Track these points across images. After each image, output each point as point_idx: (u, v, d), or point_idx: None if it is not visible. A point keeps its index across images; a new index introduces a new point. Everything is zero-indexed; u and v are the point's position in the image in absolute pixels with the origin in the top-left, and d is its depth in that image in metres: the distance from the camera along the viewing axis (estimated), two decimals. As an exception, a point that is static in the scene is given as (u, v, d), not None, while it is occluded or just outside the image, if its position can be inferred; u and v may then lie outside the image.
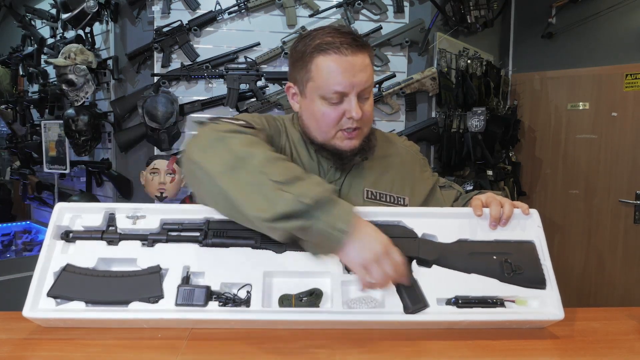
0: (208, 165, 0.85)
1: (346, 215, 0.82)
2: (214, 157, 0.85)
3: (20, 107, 3.40)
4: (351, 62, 1.00)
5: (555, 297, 0.91)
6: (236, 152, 0.85)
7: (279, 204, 0.79)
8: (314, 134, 1.09)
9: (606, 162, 3.18)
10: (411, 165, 1.22)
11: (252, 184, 0.81)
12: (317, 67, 1.02)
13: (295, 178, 0.83)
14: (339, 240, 0.81)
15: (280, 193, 0.79)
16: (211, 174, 0.84)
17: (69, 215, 0.97)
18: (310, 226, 0.79)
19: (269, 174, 0.82)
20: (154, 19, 2.50)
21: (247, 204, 0.81)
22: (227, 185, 0.82)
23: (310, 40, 1.03)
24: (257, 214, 0.79)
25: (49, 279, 0.90)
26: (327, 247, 0.83)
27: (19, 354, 0.79)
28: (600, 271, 3.24)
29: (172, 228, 0.95)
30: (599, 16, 3.16)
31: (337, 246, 0.81)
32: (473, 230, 0.98)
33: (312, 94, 1.04)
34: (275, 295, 0.91)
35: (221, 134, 0.88)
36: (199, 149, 0.88)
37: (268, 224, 0.79)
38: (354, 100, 1.01)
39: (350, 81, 1.00)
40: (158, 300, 0.88)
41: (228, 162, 0.84)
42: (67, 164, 2.78)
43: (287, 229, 0.80)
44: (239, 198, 0.81)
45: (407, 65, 2.62)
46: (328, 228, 0.80)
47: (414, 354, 0.80)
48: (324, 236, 0.81)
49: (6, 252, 2.99)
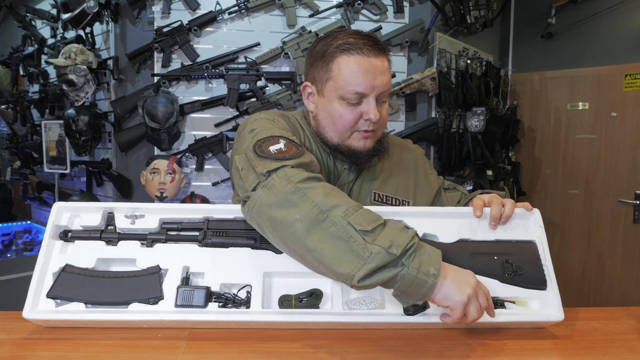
0: (291, 224, 0.79)
1: (436, 258, 0.78)
2: (296, 213, 0.79)
3: (20, 107, 3.40)
4: (373, 64, 1.01)
5: (555, 298, 0.91)
6: (320, 205, 0.79)
7: (370, 259, 0.74)
8: (329, 135, 1.09)
9: (606, 162, 3.18)
10: (417, 170, 1.24)
11: (339, 239, 0.77)
12: (338, 66, 1.02)
13: (379, 226, 0.79)
14: (432, 285, 0.76)
15: (369, 247, 0.75)
16: (297, 234, 0.78)
17: (67, 214, 0.97)
18: (400, 275, 0.76)
19: (355, 224, 0.77)
20: (154, 19, 2.50)
21: (337, 262, 0.76)
22: (314, 243, 0.77)
23: (332, 41, 1.04)
24: (349, 272, 0.75)
25: (49, 279, 0.90)
26: (420, 293, 0.77)
27: (19, 354, 0.79)
28: (600, 271, 3.24)
29: (172, 227, 0.95)
30: (598, 16, 3.16)
31: (430, 291, 0.77)
32: (474, 230, 0.98)
33: (332, 93, 1.04)
34: (275, 295, 0.91)
35: (298, 186, 0.81)
36: (277, 206, 0.81)
37: (359, 284, 0.75)
38: (373, 102, 1.02)
39: (371, 83, 1.00)
40: (158, 301, 0.88)
41: (313, 217, 0.78)
42: (67, 164, 2.78)
43: (377, 282, 0.76)
44: (328, 255, 0.76)
45: (407, 65, 2.63)
46: (419, 275, 0.76)
47: (414, 354, 0.80)
48: (415, 284, 0.76)
49: (6, 252, 3.00)
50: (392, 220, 0.82)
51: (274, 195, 0.81)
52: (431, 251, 0.79)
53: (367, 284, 0.75)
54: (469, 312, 0.79)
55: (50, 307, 0.87)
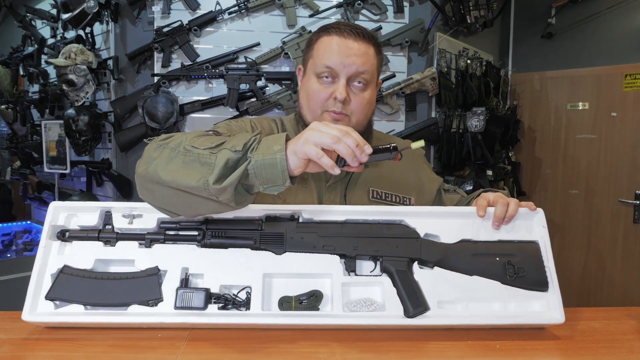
0: (151, 171, 0.84)
1: (278, 138, 0.80)
2: (155, 163, 0.84)
3: (20, 107, 3.40)
4: (349, 45, 1.04)
5: (556, 300, 0.90)
6: (170, 147, 0.84)
7: (217, 162, 0.78)
8: (306, 114, 1.11)
9: (606, 162, 3.18)
10: (417, 166, 1.23)
11: (188, 162, 0.81)
12: (318, 45, 1.08)
13: (223, 141, 0.82)
14: (282, 158, 0.77)
15: (214, 155, 0.79)
16: (155, 176, 0.83)
17: (64, 214, 0.95)
18: (250, 167, 0.78)
19: (199, 145, 0.82)
20: (154, 19, 2.50)
21: (190, 178, 0.79)
22: (169, 175, 0.81)
23: (322, 27, 1.11)
24: (203, 181, 0.78)
25: (47, 281, 0.89)
26: (278, 173, 0.78)
27: (18, 354, 0.79)
28: (600, 271, 3.24)
29: (170, 227, 0.94)
30: (598, 16, 3.16)
31: (283, 164, 0.78)
32: (476, 230, 0.97)
33: (310, 70, 1.09)
34: (275, 297, 0.91)
35: (158, 143, 0.87)
36: (142, 164, 0.87)
37: (216, 186, 0.77)
38: (343, 81, 1.04)
39: (342, 60, 1.03)
40: (157, 303, 0.87)
41: (165, 157, 0.83)
42: (67, 164, 2.78)
43: (233, 182, 0.78)
44: (182, 179, 0.80)
45: (407, 65, 2.63)
46: (266, 157, 0.78)
47: (414, 354, 0.80)
48: (267, 167, 0.78)
49: (6, 252, 3.00)
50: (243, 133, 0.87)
51: (142, 157, 0.88)
52: (274, 136, 0.81)
53: (223, 185, 0.77)
54: (339, 149, 0.77)
55: (49, 310, 0.87)
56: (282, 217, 0.95)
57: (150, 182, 0.85)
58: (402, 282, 0.89)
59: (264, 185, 0.80)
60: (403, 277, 0.90)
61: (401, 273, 0.90)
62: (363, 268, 0.94)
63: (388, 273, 0.91)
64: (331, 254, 0.92)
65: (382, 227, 0.95)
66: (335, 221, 0.95)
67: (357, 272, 0.93)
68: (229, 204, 0.82)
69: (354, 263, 0.93)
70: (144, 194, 0.91)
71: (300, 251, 0.92)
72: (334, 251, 0.92)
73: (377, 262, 0.93)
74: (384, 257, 0.92)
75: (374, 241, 0.93)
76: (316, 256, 0.92)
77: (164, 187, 0.83)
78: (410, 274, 0.91)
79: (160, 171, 0.82)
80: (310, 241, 0.93)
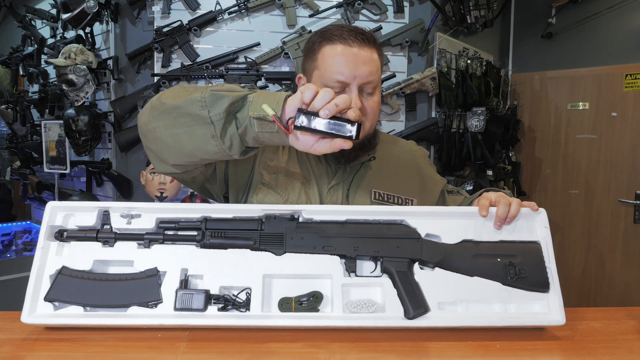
0: (155, 101, 0.91)
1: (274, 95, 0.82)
2: (159, 95, 0.92)
3: (20, 107, 3.40)
4: (355, 53, 1.02)
5: (557, 301, 0.90)
6: (172, 90, 0.92)
7: (218, 94, 0.82)
8: None
9: (606, 162, 3.18)
10: (420, 167, 1.23)
11: (191, 91, 0.87)
12: (322, 56, 1.05)
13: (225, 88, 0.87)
14: (279, 99, 0.80)
15: (217, 92, 0.83)
16: (160, 105, 0.89)
17: (61, 214, 0.94)
18: (250, 96, 0.82)
19: (201, 90, 0.86)
20: (154, 19, 2.50)
21: (192, 100, 0.85)
22: (175, 100, 0.87)
23: (322, 33, 1.07)
24: (206, 92, 0.83)
25: (45, 282, 0.88)
26: (273, 99, 0.80)
27: (18, 354, 0.79)
28: (600, 271, 3.24)
29: (169, 227, 0.94)
30: (598, 16, 3.16)
31: (280, 97, 0.80)
32: (478, 231, 0.96)
33: (317, 82, 1.06)
34: (275, 298, 0.90)
35: (157, 96, 0.94)
36: (141, 115, 0.95)
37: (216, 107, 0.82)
38: (355, 91, 1.03)
39: (352, 72, 1.01)
40: (157, 305, 0.87)
41: (171, 91, 0.91)
42: (67, 164, 2.78)
43: (233, 98, 0.82)
44: (185, 101, 0.85)
45: (407, 65, 2.62)
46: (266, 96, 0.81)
47: (414, 354, 0.80)
48: (266, 94, 0.81)
49: (6, 252, 3.00)
50: None
51: (145, 109, 0.95)
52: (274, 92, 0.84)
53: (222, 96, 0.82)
54: (314, 105, 0.78)
55: (48, 311, 0.86)
56: (282, 217, 0.95)
57: (156, 110, 0.90)
58: (403, 283, 0.89)
59: (256, 113, 0.80)
60: (403, 278, 0.89)
61: (402, 274, 0.90)
62: (363, 269, 0.94)
63: (388, 274, 0.91)
64: (331, 255, 0.92)
65: (382, 227, 0.94)
66: (335, 221, 0.94)
67: (358, 273, 0.92)
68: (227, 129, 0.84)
69: (355, 264, 0.92)
70: (149, 143, 0.96)
71: (300, 252, 0.92)
72: (334, 252, 0.92)
73: (377, 263, 0.93)
74: (384, 257, 0.92)
75: (375, 241, 0.93)
76: (316, 257, 0.92)
77: (166, 116, 0.88)
78: (411, 275, 0.90)
79: (165, 99, 0.90)
80: (310, 241, 0.92)
